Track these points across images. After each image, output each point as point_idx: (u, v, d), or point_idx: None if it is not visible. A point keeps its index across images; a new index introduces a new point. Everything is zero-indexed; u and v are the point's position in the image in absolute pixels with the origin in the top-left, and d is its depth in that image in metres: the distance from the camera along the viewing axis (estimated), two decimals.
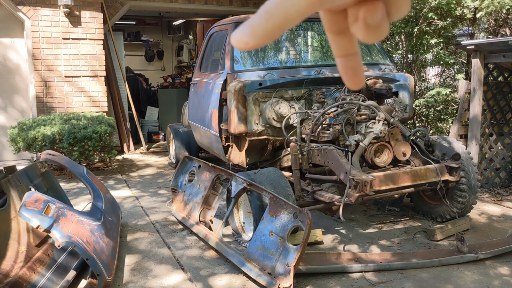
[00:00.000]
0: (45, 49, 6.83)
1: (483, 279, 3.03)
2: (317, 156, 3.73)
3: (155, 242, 3.74)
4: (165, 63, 12.98)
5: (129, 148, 7.82)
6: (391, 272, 3.13)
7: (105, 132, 5.89)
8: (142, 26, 12.23)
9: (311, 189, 3.63)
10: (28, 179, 3.35)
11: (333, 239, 3.79)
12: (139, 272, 3.20)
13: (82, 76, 7.08)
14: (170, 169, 6.55)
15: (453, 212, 3.91)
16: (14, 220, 2.96)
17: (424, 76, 7.76)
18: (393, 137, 3.71)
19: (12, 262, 2.81)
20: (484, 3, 5.32)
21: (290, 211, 2.89)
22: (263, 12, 0.36)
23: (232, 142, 4.34)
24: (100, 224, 3.11)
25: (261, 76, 4.19)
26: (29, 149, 5.79)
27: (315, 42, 5.25)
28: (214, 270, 3.22)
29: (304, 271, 3.02)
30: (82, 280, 3.04)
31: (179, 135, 6.31)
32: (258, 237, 3.02)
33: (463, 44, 5.13)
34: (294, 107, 4.10)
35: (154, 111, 9.77)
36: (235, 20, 4.65)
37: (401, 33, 6.31)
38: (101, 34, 7.17)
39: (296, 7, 0.35)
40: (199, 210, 3.76)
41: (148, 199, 5.05)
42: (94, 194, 3.54)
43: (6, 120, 6.95)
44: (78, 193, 5.19)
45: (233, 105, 4.00)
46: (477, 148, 5.06)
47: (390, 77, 4.43)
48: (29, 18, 6.71)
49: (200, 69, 5.29)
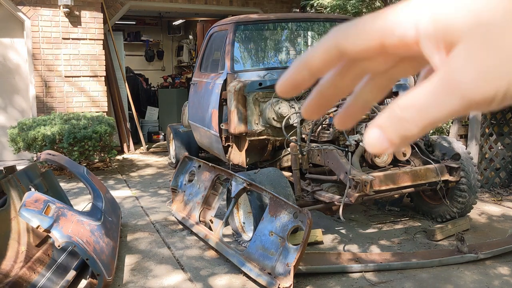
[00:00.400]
0: (45, 49, 6.83)
1: (483, 279, 3.03)
2: (317, 156, 3.73)
3: (155, 242, 3.74)
4: (165, 63, 12.99)
5: (129, 148, 7.82)
6: (391, 272, 3.13)
7: (105, 132, 5.89)
8: (142, 26, 12.24)
9: (311, 189, 3.63)
10: (28, 179, 3.35)
11: (333, 239, 3.79)
12: (139, 272, 3.20)
13: (82, 76, 7.08)
14: (170, 169, 6.55)
15: (453, 212, 3.91)
16: (14, 220, 2.96)
17: None
18: None
19: (12, 262, 2.81)
20: None
21: (290, 211, 2.89)
22: (396, 119, 0.30)
23: (232, 142, 4.34)
24: (100, 224, 3.11)
25: (261, 76, 4.19)
26: (29, 149, 5.79)
27: (315, 42, 5.25)
28: (214, 270, 3.22)
29: (304, 271, 3.02)
30: (82, 280, 3.04)
31: (179, 135, 6.31)
32: (258, 237, 3.02)
33: None
34: (294, 107, 4.10)
35: (154, 111, 9.77)
36: (235, 20, 4.65)
37: None
38: (101, 34, 7.17)
39: (449, 108, 0.29)
40: (199, 210, 3.76)
41: (148, 199, 5.05)
42: (94, 194, 3.54)
43: (6, 120, 6.95)
44: (78, 193, 5.19)
45: (233, 105, 4.00)
46: (477, 148, 5.06)
47: None
48: (29, 18, 6.71)
49: (200, 69, 5.29)
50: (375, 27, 0.31)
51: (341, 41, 0.32)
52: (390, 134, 0.30)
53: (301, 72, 0.33)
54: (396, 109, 0.30)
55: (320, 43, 0.32)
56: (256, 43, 4.78)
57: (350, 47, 0.31)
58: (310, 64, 0.33)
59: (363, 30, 0.31)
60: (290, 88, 0.34)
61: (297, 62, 0.34)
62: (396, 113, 0.30)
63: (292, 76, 0.34)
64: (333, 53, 0.32)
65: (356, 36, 0.31)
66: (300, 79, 0.34)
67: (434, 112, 0.29)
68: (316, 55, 0.33)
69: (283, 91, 0.34)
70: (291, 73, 0.34)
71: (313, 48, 0.33)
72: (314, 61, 0.33)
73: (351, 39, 0.31)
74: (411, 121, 0.30)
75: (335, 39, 0.32)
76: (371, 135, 0.31)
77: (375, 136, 0.31)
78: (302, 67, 0.33)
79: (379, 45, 0.31)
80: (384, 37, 0.30)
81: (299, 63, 0.33)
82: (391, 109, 0.30)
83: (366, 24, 0.31)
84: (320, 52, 0.32)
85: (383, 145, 0.31)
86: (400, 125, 0.30)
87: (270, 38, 4.90)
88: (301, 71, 0.33)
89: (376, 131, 0.31)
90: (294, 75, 0.34)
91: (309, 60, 0.33)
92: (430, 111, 0.29)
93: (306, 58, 0.33)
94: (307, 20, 5.09)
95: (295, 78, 0.34)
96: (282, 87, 0.34)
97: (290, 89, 0.34)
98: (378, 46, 0.31)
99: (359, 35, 0.31)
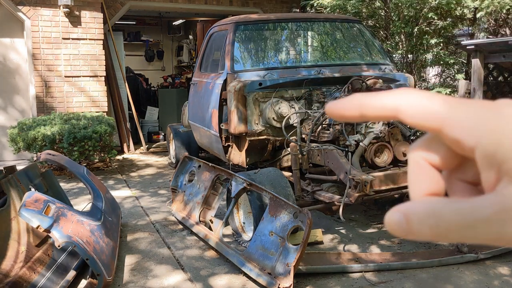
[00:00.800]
0: (45, 49, 6.83)
1: (483, 279, 3.03)
2: (317, 156, 3.73)
3: (155, 242, 3.74)
4: (165, 63, 12.98)
5: (129, 148, 7.82)
6: (391, 272, 3.13)
7: (105, 132, 5.89)
8: (142, 26, 12.23)
9: (311, 189, 3.63)
10: (28, 179, 3.35)
11: (333, 239, 3.79)
12: (139, 272, 3.20)
13: (82, 76, 7.08)
14: (170, 169, 6.55)
15: None
16: (14, 220, 2.96)
17: (424, 76, 7.77)
18: (393, 137, 3.71)
19: (12, 262, 2.81)
20: (484, 3, 5.32)
21: (290, 211, 2.89)
22: (429, 219, 0.29)
23: (232, 142, 4.34)
24: (100, 224, 3.11)
25: (261, 76, 4.18)
26: (29, 149, 5.79)
27: (315, 42, 5.25)
28: (214, 270, 3.22)
29: (304, 271, 3.02)
30: (82, 280, 3.04)
31: (179, 135, 6.31)
32: (258, 237, 3.02)
33: (463, 44, 5.13)
34: (294, 107, 4.10)
35: (154, 111, 9.77)
36: (235, 20, 4.65)
37: (401, 33, 6.31)
38: (101, 34, 7.17)
39: (495, 235, 0.28)
40: (199, 210, 3.76)
41: (148, 199, 5.05)
42: (94, 194, 3.54)
43: (6, 120, 6.95)
44: (78, 193, 5.19)
45: (233, 105, 4.00)
46: None
47: (390, 77, 4.42)
48: (29, 18, 6.71)
49: (200, 69, 5.29)
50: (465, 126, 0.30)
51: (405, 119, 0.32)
52: (413, 227, 0.30)
53: (353, 112, 0.34)
54: (437, 213, 0.29)
55: (385, 99, 0.32)
56: (256, 43, 4.78)
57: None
58: (365, 112, 0.33)
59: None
60: (337, 116, 0.35)
61: (356, 101, 0.33)
62: (433, 216, 0.29)
63: (344, 111, 0.34)
64: (390, 116, 0.32)
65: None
66: (349, 117, 0.34)
67: (476, 233, 0.28)
68: (375, 110, 0.33)
69: (331, 115, 0.35)
70: (346, 107, 0.34)
71: (378, 99, 0.32)
72: (368, 113, 0.33)
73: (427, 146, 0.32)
74: (444, 229, 0.29)
75: (400, 114, 0.32)
76: (393, 219, 0.31)
77: (396, 221, 0.30)
78: (356, 110, 0.33)
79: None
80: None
81: (357, 104, 0.33)
82: (430, 207, 0.30)
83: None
84: (379, 110, 0.32)
85: (401, 232, 0.31)
86: (429, 225, 0.29)
87: (270, 38, 4.90)
88: (353, 112, 0.34)
89: (400, 218, 0.30)
90: (346, 112, 0.34)
91: (365, 109, 0.33)
92: (474, 230, 0.28)
93: (365, 105, 0.33)
94: (307, 20, 5.09)
95: (345, 114, 0.34)
96: (332, 113, 0.35)
97: (337, 117, 0.35)
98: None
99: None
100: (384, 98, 0.32)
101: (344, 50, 4.99)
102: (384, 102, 0.32)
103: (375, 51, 4.81)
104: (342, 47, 5.04)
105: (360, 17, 6.25)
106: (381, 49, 4.89)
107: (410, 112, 0.31)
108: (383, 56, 4.77)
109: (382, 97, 0.32)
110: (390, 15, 6.47)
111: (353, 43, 5.02)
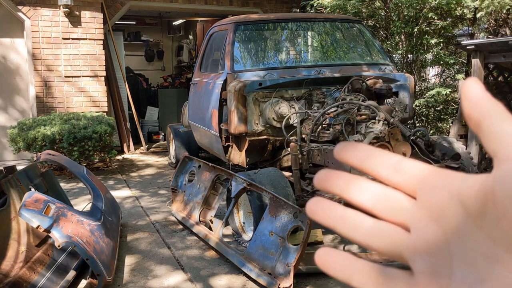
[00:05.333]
0: (45, 49, 6.83)
1: None
2: (317, 156, 3.73)
3: (155, 242, 3.74)
4: (165, 63, 12.98)
5: (129, 148, 7.82)
6: None
7: (105, 132, 5.89)
8: (142, 26, 12.22)
9: (311, 189, 3.63)
10: (28, 179, 3.35)
11: (333, 239, 3.79)
12: (139, 272, 3.20)
13: (82, 76, 7.08)
14: (170, 169, 6.55)
15: None
16: (14, 220, 2.96)
17: (424, 76, 7.77)
18: (393, 137, 3.70)
19: (12, 262, 2.81)
20: (484, 3, 5.32)
21: (290, 211, 2.89)
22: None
23: (232, 142, 4.34)
24: (100, 224, 3.11)
25: (261, 76, 4.18)
26: (29, 149, 5.79)
27: (315, 42, 5.25)
28: (214, 270, 3.22)
29: (304, 271, 3.02)
30: (82, 280, 3.04)
31: (179, 135, 6.31)
32: (258, 237, 3.02)
33: (463, 44, 5.13)
34: (294, 107, 4.10)
35: (154, 111, 9.77)
36: (235, 20, 4.65)
37: (401, 33, 6.30)
38: (101, 34, 7.17)
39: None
40: (199, 210, 3.76)
41: (148, 199, 5.05)
42: (94, 194, 3.54)
43: (6, 120, 6.95)
44: (78, 193, 5.19)
45: (233, 105, 4.00)
46: (477, 148, 5.06)
47: (390, 77, 4.43)
48: (29, 18, 6.71)
49: (200, 69, 5.29)
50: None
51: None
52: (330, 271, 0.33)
53: (356, 163, 0.34)
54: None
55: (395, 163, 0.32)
56: (256, 43, 4.78)
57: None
58: (369, 168, 0.33)
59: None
60: (341, 160, 0.35)
61: (361, 153, 0.34)
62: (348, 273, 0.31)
63: (349, 159, 0.35)
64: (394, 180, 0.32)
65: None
66: (352, 163, 0.35)
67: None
68: (379, 168, 0.32)
69: (339, 158, 0.35)
70: (352, 156, 0.35)
71: (385, 159, 0.32)
72: (372, 170, 0.33)
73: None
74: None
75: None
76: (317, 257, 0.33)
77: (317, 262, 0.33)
78: (361, 162, 0.34)
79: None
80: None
81: (362, 155, 0.33)
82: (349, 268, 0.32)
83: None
84: (385, 168, 0.32)
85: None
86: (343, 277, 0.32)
87: (270, 38, 4.90)
88: (354, 163, 0.34)
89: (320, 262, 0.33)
90: (350, 159, 0.34)
91: (370, 166, 0.33)
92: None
93: (372, 160, 0.33)
94: (307, 20, 5.09)
95: (349, 161, 0.35)
96: (339, 156, 0.35)
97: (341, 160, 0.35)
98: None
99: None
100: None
101: (344, 50, 4.99)
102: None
103: (375, 51, 4.81)
104: (342, 47, 5.04)
105: (360, 17, 6.25)
106: (381, 49, 4.89)
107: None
108: (383, 56, 4.77)
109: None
110: (390, 15, 6.47)
111: (353, 43, 5.02)
